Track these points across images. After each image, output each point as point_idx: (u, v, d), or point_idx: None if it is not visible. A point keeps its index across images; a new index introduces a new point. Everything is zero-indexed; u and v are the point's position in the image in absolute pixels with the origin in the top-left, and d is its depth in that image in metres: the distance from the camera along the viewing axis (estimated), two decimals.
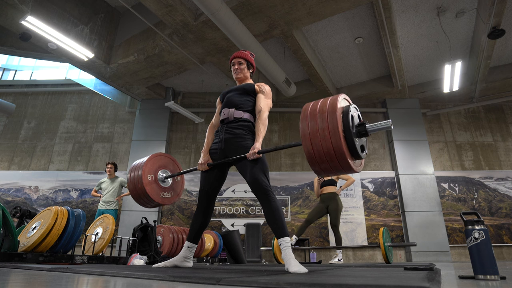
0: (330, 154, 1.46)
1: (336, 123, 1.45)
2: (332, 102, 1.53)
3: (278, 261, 4.62)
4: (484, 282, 1.21)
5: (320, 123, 1.49)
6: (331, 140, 1.44)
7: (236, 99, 2.18)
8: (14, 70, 9.24)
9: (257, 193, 1.92)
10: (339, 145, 1.43)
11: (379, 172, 7.42)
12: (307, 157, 1.52)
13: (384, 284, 0.86)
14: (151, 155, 2.47)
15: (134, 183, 2.35)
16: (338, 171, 1.53)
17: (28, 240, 2.64)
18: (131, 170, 2.46)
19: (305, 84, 7.36)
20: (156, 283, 1.09)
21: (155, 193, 2.35)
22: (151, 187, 2.33)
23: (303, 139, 1.52)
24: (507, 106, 8.02)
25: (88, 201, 7.26)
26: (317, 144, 1.47)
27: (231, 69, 2.32)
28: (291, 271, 1.62)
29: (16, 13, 5.16)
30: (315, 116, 1.52)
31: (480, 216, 1.38)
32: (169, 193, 2.46)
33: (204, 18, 4.95)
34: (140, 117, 7.80)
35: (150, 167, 2.37)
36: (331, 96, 1.62)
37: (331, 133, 1.45)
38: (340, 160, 1.45)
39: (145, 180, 2.29)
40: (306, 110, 1.59)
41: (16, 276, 1.33)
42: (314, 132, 1.49)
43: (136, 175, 2.35)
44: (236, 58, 2.29)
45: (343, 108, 1.57)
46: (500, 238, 6.77)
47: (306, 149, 1.52)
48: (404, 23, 5.73)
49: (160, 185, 2.42)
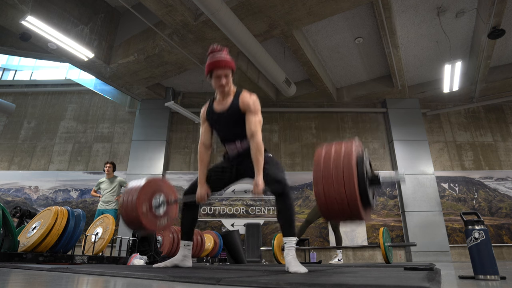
0: (342, 202, 1.41)
1: (352, 171, 1.41)
2: (347, 149, 1.50)
3: (278, 261, 4.62)
4: (484, 282, 1.21)
5: (334, 169, 1.45)
6: (344, 187, 1.40)
7: (233, 130, 2.03)
8: (14, 70, 9.24)
9: (275, 188, 1.86)
10: (353, 193, 1.38)
11: (379, 172, 7.41)
12: (317, 201, 1.47)
13: (384, 284, 0.86)
14: (145, 182, 2.28)
15: (128, 212, 2.19)
16: (347, 218, 1.48)
17: (28, 240, 2.64)
18: (124, 194, 2.30)
19: (305, 84, 7.36)
20: (156, 283, 1.09)
21: (151, 223, 2.23)
22: (146, 218, 2.20)
23: (315, 183, 1.48)
24: (507, 106, 8.02)
25: (88, 201, 7.26)
26: (329, 190, 1.43)
27: (210, 78, 2.01)
28: (291, 271, 1.62)
29: (16, 13, 5.16)
30: (329, 161, 1.48)
31: (480, 216, 1.38)
32: (165, 219, 2.34)
33: (204, 18, 4.95)
34: (140, 117, 7.80)
35: (144, 196, 2.22)
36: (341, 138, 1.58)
37: (345, 181, 1.40)
38: (352, 208, 1.41)
39: (140, 210, 2.15)
40: (320, 155, 1.55)
41: (16, 276, 1.32)
42: (327, 178, 1.45)
43: (130, 203, 2.19)
44: (221, 70, 1.96)
45: (358, 156, 1.52)
46: (500, 238, 6.76)
47: (317, 193, 1.47)
48: (404, 23, 5.73)
49: (154, 213, 2.29)
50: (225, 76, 1.97)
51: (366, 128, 7.91)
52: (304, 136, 7.89)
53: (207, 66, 1.99)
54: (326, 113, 8.08)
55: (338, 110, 8.00)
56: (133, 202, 2.16)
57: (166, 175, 7.44)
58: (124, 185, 5.38)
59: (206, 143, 2.15)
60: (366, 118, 8.00)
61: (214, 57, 1.97)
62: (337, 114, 8.07)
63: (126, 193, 2.27)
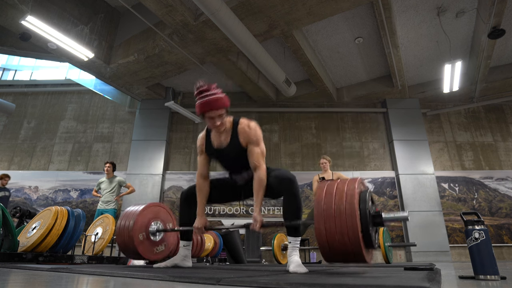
0: (343, 241, 1.36)
1: (354, 210, 1.37)
2: (350, 186, 1.46)
3: (278, 261, 4.62)
4: (484, 282, 1.21)
5: (336, 206, 1.41)
6: (346, 225, 1.35)
7: (238, 162, 1.99)
8: (14, 70, 9.25)
9: (283, 184, 1.82)
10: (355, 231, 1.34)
11: (379, 172, 7.42)
12: (316, 236, 1.42)
13: (384, 284, 0.86)
14: (142, 208, 2.23)
15: (124, 240, 2.13)
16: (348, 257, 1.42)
17: (28, 240, 2.64)
18: (121, 218, 2.25)
19: (305, 84, 7.36)
20: (156, 283, 1.09)
21: (148, 251, 2.20)
22: (143, 246, 2.15)
23: (316, 219, 1.44)
24: (507, 106, 8.02)
25: (88, 201, 7.26)
26: (330, 227, 1.39)
27: (203, 118, 1.91)
28: (291, 271, 1.62)
29: (16, 13, 5.16)
30: (331, 197, 1.45)
31: (480, 216, 1.38)
32: (162, 245, 2.31)
33: (204, 18, 4.94)
34: (140, 117, 7.80)
35: (141, 224, 2.17)
36: None
37: (347, 219, 1.36)
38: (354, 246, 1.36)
39: (136, 239, 2.10)
40: (321, 190, 1.51)
41: (16, 276, 1.32)
42: (329, 216, 1.40)
43: (126, 230, 2.13)
44: (213, 112, 1.83)
45: (361, 194, 1.48)
46: (500, 238, 6.76)
47: (317, 229, 1.42)
48: (404, 23, 5.73)
49: (152, 241, 2.25)
50: (219, 117, 1.85)
51: (366, 128, 7.91)
52: (304, 136, 7.89)
53: (197, 107, 1.87)
54: (326, 113, 8.08)
55: (338, 110, 8.00)
56: (130, 231, 2.11)
57: (166, 175, 7.44)
58: (124, 185, 5.38)
59: (203, 175, 2.08)
60: (366, 118, 8.00)
61: (204, 99, 1.83)
62: (337, 114, 8.07)
63: (123, 217, 2.23)
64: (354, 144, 7.77)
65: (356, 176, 7.05)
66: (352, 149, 7.72)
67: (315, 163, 7.57)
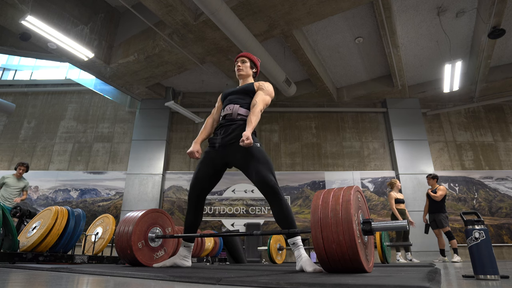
0: (341, 250, 1.37)
1: (350, 218, 1.37)
2: (346, 193, 1.47)
3: (273, 260, 4.61)
4: (484, 282, 1.21)
5: (332, 213, 1.41)
6: (343, 233, 1.36)
7: (239, 101, 2.18)
8: (14, 70, 9.25)
9: (266, 192, 1.86)
10: (352, 240, 1.34)
11: (379, 172, 7.42)
12: (314, 245, 1.43)
13: (384, 284, 0.86)
14: (140, 215, 2.24)
15: (123, 248, 2.13)
16: (345, 263, 1.42)
17: (28, 240, 2.64)
18: (120, 225, 2.24)
19: (305, 84, 7.36)
20: (156, 283, 1.09)
21: (147, 258, 2.21)
22: (142, 254, 2.17)
23: (312, 226, 1.44)
24: (507, 106, 8.02)
25: (88, 201, 7.26)
26: (328, 235, 1.39)
27: (235, 69, 2.37)
28: (308, 271, 1.61)
29: (16, 13, 5.16)
30: (327, 205, 1.45)
31: (480, 216, 1.38)
32: (162, 251, 2.32)
33: (204, 18, 4.94)
34: (140, 117, 7.80)
35: (139, 232, 2.18)
36: None
37: (344, 228, 1.36)
38: (352, 254, 1.36)
39: (135, 247, 2.11)
40: (318, 198, 1.52)
41: (16, 276, 1.32)
42: (326, 224, 1.40)
43: (125, 238, 2.13)
44: (240, 57, 2.35)
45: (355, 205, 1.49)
46: (500, 238, 6.76)
47: (314, 237, 1.42)
48: (404, 23, 5.72)
49: (151, 247, 2.26)
50: (242, 61, 2.33)
51: (366, 128, 7.91)
52: (304, 136, 7.89)
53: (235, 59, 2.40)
54: (326, 113, 8.08)
55: (338, 110, 8.00)
56: (128, 238, 2.11)
57: (166, 175, 7.44)
58: (25, 190, 5.28)
59: (215, 117, 2.36)
60: (366, 118, 8.00)
61: None
62: (337, 114, 8.07)
63: (122, 224, 2.23)
64: (354, 144, 7.77)
65: (356, 176, 7.04)
66: (352, 149, 7.72)
67: (315, 163, 7.57)
